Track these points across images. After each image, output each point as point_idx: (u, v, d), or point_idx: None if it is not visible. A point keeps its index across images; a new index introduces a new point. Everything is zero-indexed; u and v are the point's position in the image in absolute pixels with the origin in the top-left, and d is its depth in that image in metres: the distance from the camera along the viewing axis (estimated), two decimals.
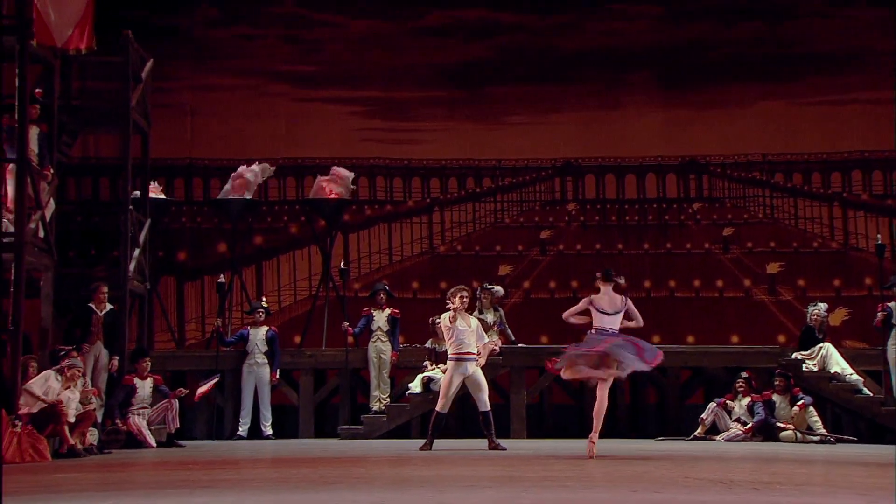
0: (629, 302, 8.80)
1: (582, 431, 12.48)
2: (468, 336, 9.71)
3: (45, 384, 9.49)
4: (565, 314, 8.77)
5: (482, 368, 9.88)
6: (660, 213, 15.65)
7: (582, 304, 8.69)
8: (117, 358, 11.09)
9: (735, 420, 11.64)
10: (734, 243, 15.54)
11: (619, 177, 15.69)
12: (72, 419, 9.50)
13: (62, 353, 10.06)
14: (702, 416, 11.72)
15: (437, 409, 9.82)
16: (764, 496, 5.81)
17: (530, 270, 15.49)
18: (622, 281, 8.74)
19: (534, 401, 12.60)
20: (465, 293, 9.78)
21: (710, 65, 15.51)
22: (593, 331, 8.61)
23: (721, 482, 6.57)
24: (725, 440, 11.45)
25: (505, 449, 9.68)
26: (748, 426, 11.51)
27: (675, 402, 12.60)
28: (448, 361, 9.88)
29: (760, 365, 12.20)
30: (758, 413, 11.50)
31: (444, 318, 9.69)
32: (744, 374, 11.83)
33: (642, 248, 15.57)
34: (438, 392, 10.62)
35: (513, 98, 15.56)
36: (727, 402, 11.73)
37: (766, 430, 11.48)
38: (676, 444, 11.04)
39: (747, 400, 11.64)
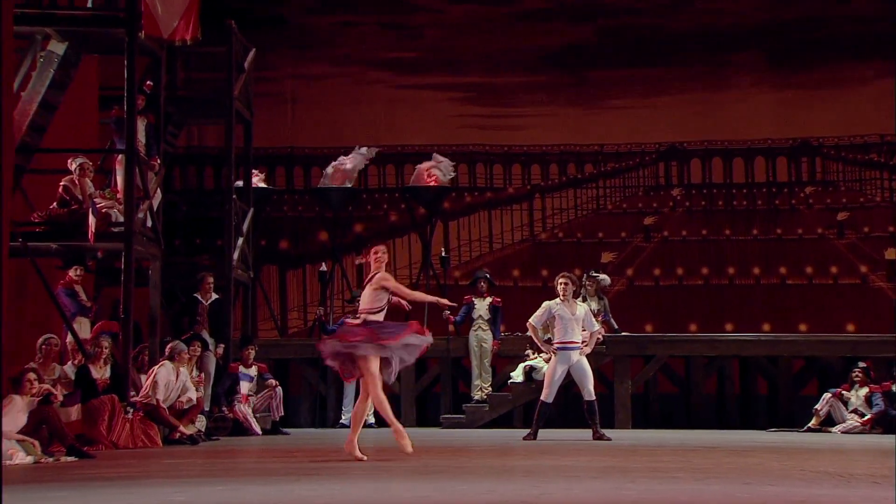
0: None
1: (689, 422, 12.22)
2: (572, 324, 9.56)
3: (179, 386, 9.75)
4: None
5: (587, 357, 9.72)
6: (769, 198, 15.22)
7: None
8: (223, 346, 11.25)
9: (852, 411, 11.27)
10: (849, 228, 14.99)
11: (727, 160, 15.28)
12: (190, 397, 9.80)
13: (185, 340, 10.33)
14: (816, 406, 11.38)
15: (542, 398, 9.71)
16: (884, 491, 5.58)
17: (634, 257, 15.22)
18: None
19: (638, 390, 12.38)
20: (564, 281, 9.61)
21: (823, 42, 14.96)
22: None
23: (839, 475, 6.38)
24: (842, 432, 11.09)
25: (610, 439, 9.53)
26: (866, 418, 11.14)
27: (787, 393, 12.23)
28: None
29: (879, 354, 11.77)
30: (877, 404, 11.12)
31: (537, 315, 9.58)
32: (861, 364, 11.44)
33: (751, 234, 15.16)
34: (540, 381, 10.52)
35: (615, 81, 15.28)
36: (843, 392, 11.36)
37: (885, 422, 11.08)
38: (789, 436, 10.75)
39: (865, 390, 11.26)
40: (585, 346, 9.69)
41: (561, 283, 9.68)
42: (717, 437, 10.41)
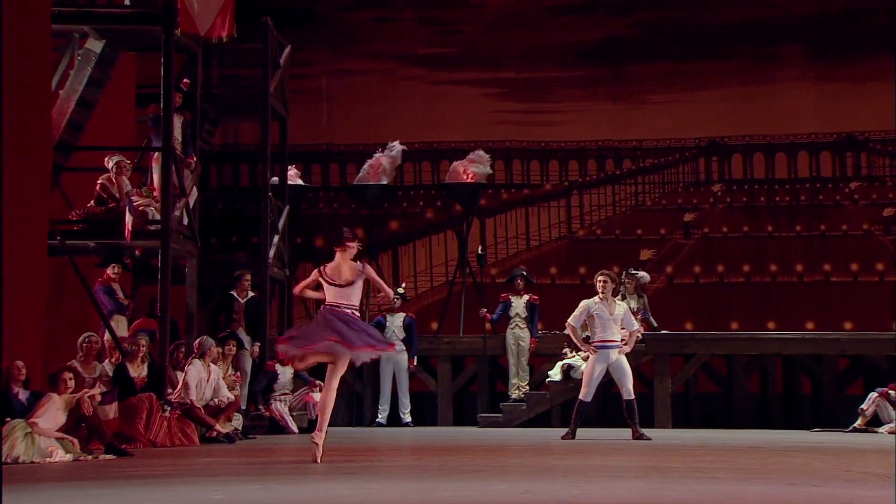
0: (368, 269, 7.36)
1: (731, 422, 12.02)
2: (611, 323, 9.44)
3: (211, 384, 9.76)
4: (296, 289, 7.58)
5: (626, 356, 9.59)
6: (813, 194, 14.97)
7: (312, 276, 7.38)
8: (258, 344, 11.23)
9: None
10: None
11: (769, 155, 15.05)
12: (228, 396, 9.82)
13: (221, 338, 10.33)
14: (862, 406, 11.13)
15: (580, 397, 9.60)
16: None
17: (673, 254, 15.04)
18: (354, 245, 7.31)
19: (679, 389, 12.20)
20: (603, 279, 9.49)
21: (869, 34, 14.67)
22: (326, 306, 7.27)
23: (885, 476, 6.18)
24: (889, 432, 10.82)
25: (650, 439, 9.40)
26: None
27: (832, 392, 11.98)
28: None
29: None
30: None
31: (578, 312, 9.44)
32: None
33: (794, 231, 14.92)
34: (578, 380, 10.41)
35: (655, 76, 15.11)
36: (890, 391, 11.10)
37: None
38: (834, 436, 10.52)
39: None
40: (625, 344, 9.57)
41: (600, 281, 9.56)
42: (759, 437, 10.24)
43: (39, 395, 8.09)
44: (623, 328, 9.58)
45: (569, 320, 9.63)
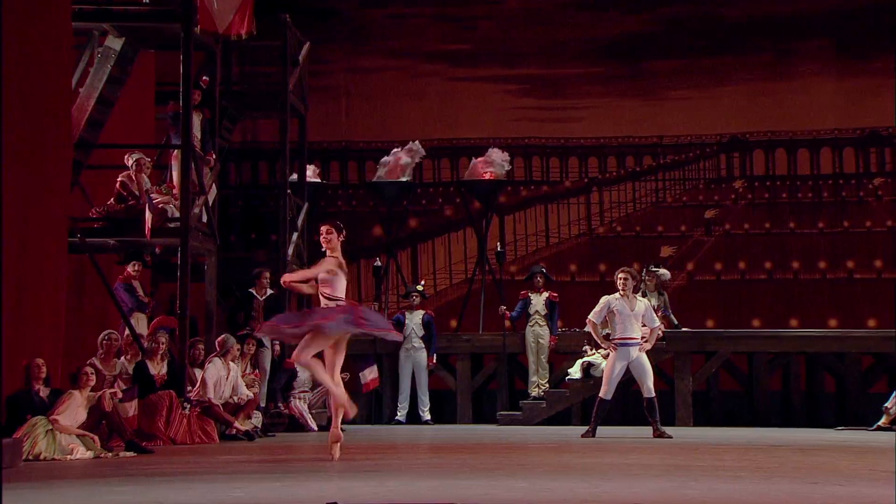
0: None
1: (753, 420, 11.93)
2: (631, 320, 9.39)
3: (230, 383, 9.76)
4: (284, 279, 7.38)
5: (647, 353, 9.54)
6: (836, 190, 14.83)
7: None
8: (279, 342, 11.22)
9: None
10: None
11: (791, 152, 14.93)
12: (241, 397, 9.80)
13: (239, 336, 10.34)
14: (886, 404, 11.01)
15: (601, 395, 9.56)
16: None
17: (694, 251, 14.94)
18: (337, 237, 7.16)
19: (700, 387, 12.12)
20: (624, 276, 9.45)
21: (892, 28, 14.50)
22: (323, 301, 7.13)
23: None
24: None
25: (671, 437, 9.36)
26: None
27: (855, 391, 11.87)
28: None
29: None
30: None
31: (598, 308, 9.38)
32: None
33: (817, 228, 14.79)
34: (598, 378, 10.37)
35: (675, 71, 15.00)
36: None
37: None
38: (858, 435, 10.43)
39: None
40: (645, 342, 9.52)
41: (620, 278, 9.52)
42: (782, 435, 10.18)
43: (60, 392, 8.12)
44: (644, 325, 9.53)
45: (590, 316, 9.60)
